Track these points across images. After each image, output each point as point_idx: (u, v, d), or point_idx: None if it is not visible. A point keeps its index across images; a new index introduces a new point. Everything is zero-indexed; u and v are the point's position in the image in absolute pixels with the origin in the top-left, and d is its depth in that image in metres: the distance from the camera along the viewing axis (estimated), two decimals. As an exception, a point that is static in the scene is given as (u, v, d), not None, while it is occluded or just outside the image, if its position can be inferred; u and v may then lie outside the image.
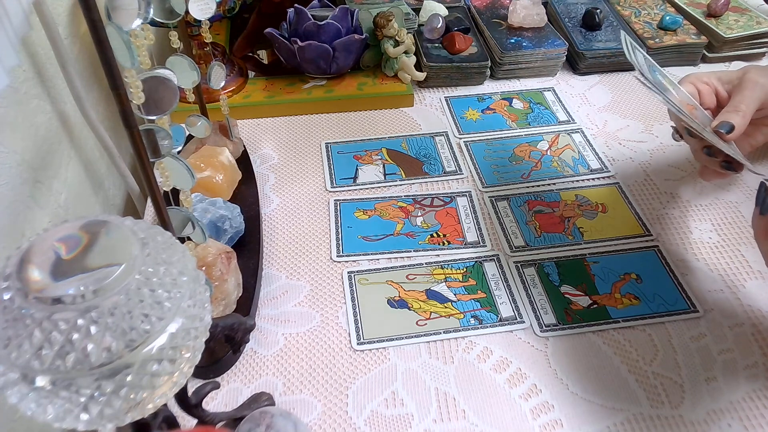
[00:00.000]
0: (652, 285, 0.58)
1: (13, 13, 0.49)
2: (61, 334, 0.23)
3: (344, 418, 0.48)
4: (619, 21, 0.91)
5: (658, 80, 0.54)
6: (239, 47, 0.88)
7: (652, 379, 0.50)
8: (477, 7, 0.93)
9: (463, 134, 0.77)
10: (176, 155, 0.44)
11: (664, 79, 0.56)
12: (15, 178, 0.48)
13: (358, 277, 0.59)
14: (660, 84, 0.54)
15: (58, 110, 0.57)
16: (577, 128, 0.77)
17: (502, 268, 0.60)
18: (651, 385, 0.50)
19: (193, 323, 0.27)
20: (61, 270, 0.25)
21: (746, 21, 0.88)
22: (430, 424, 0.48)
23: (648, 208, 0.66)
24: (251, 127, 0.78)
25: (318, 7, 0.82)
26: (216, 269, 0.51)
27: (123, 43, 0.36)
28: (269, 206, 0.67)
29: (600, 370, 0.51)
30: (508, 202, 0.67)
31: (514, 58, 0.84)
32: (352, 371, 0.52)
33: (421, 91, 0.84)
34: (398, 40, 0.80)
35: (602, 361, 0.52)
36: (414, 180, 0.70)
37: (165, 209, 0.43)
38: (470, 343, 0.53)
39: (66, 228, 0.27)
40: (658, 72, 0.56)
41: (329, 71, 0.80)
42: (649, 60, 0.58)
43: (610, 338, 0.53)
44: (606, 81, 0.86)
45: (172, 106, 0.42)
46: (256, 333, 0.54)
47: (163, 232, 0.29)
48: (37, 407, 0.25)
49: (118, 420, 0.26)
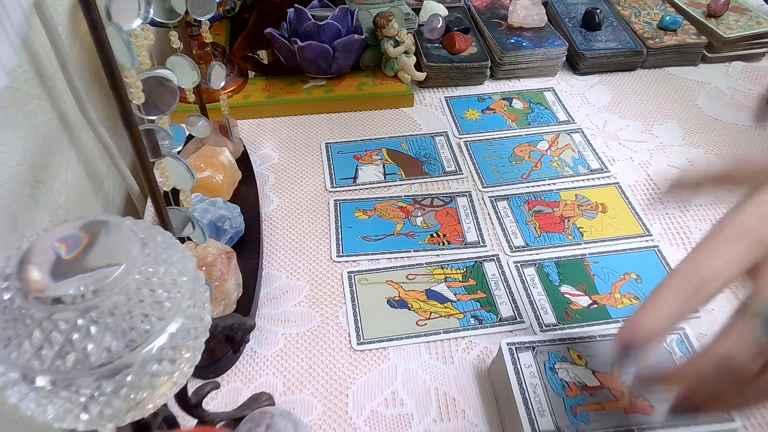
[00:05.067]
0: (652, 285, 0.57)
1: (13, 14, 0.49)
2: (61, 334, 0.23)
3: (344, 418, 0.48)
4: (619, 21, 0.91)
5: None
6: (239, 47, 0.88)
7: (652, 379, 0.50)
8: (477, 7, 0.93)
9: (463, 134, 0.77)
10: (176, 155, 0.44)
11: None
12: (15, 178, 0.48)
13: (358, 277, 0.59)
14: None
15: (58, 110, 0.57)
16: (577, 128, 0.77)
17: (502, 268, 0.60)
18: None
19: (193, 323, 0.27)
20: (61, 270, 0.25)
21: (746, 21, 0.88)
22: (430, 424, 0.48)
23: (648, 208, 0.66)
24: (251, 127, 0.78)
25: (318, 7, 0.82)
26: (216, 269, 0.51)
27: (123, 43, 0.36)
28: (269, 206, 0.67)
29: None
30: (508, 202, 0.67)
31: (514, 58, 0.84)
32: (352, 371, 0.52)
33: (421, 91, 0.84)
34: (398, 40, 0.80)
35: (602, 361, 0.52)
36: (414, 180, 0.70)
37: (165, 209, 0.43)
38: (470, 343, 0.53)
39: (66, 228, 0.27)
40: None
41: (329, 71, 0.80)
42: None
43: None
44: (606, 81, 0.86)
45: (172, 106, 0.42)
46: (256, 333, 0.54)
47: (163, 232, 0.29)
48: (37, 407, 0.25)
49: (118, 420, 0.26)
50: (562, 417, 0.44)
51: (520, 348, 0.48)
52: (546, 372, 0.47)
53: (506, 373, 0.46)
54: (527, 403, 0.45)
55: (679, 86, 0.85)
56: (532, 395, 0.45)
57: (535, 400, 0.45)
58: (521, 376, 0.46)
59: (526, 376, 0.46)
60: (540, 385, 0.46)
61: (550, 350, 0.48)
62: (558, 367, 0.47)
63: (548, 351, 0.48)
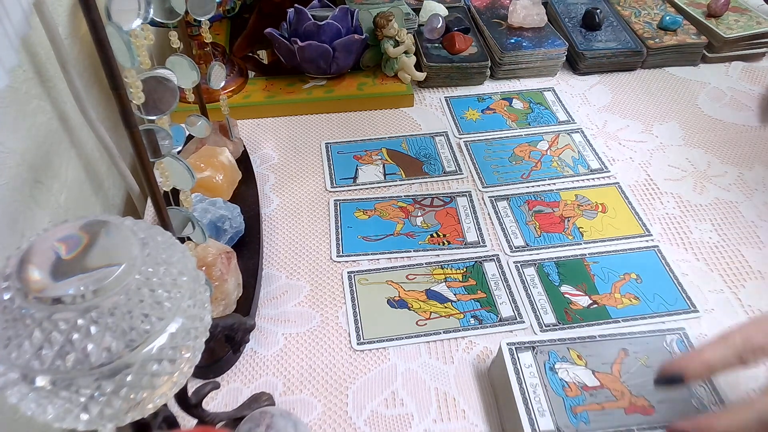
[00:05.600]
0: (652, 285, 0.58)
1: (13, 13, 0.49)
2: (61, 334, 0.23)
3: (344, 418, 0.48)
4: (619, 21, 0.91)
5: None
6: (239, 47, 0.88)
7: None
8: (477, 7, 0.93)
9: (463, 134, 0.77)
10: (176, 155, 0.44)
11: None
12: (15, 178, 0.48)
13: (358, 277, 0.59)
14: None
15: (58, 110, 0.57)
16: (577, 128, 0.77)
17: (502, 268, 0.60)
18: (651, 385, 0.50)
19: (193, 323, 0.27)
20: (61, 270, 0.25)
21: (746, 21, 0.88)
22: (430, 424, 0.48)
23: (648, 208, 0.66)
24: (251, 127, 0.78)
25: (318, 7, 0.82)
26: (216, 269, 0.51)
27: (123, 43, 0.36)
28: (269, 206, 0.67)
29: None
30: (508, 202, 0.67)
31: (514, 58, 0.84)
32: (352, 371, 0.52)
33: (421, 91, 0.84)
34: (398, 40, 0.80)
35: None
36: (414, 180, 0.70)
37: (165, 209, 0.43)
38: (470, 343, 0.53)
39: (66, 228, 0.27)
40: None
41: (329, 71, 0.80)
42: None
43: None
44: (606, 81, 0.86)
45: (172, 106, 0.42)
46: (256, 333, 0.54)
47: (163, 232, 0.29)
48: (37, 407, 0.25)
49: (118, 420, 0.26)
50: (562, 417, 0.44)
51: (520, 348, 0.48)
52: (546, 372, 0.47)
53: (506, 373, 0.46)
54: (527, 403, 0.45)
55: (679, 86, 0.85)
56: (532, 395, 0.45)
57: (535, 400, 0.45)
58: (521, 376, 0.46)
59: (526, 376, 0.46)
60: (540, 385, 0.46)
61: (550, 350, 0.48)
62: (558, 367, 0.47)
63: (548, 351, 0.48)
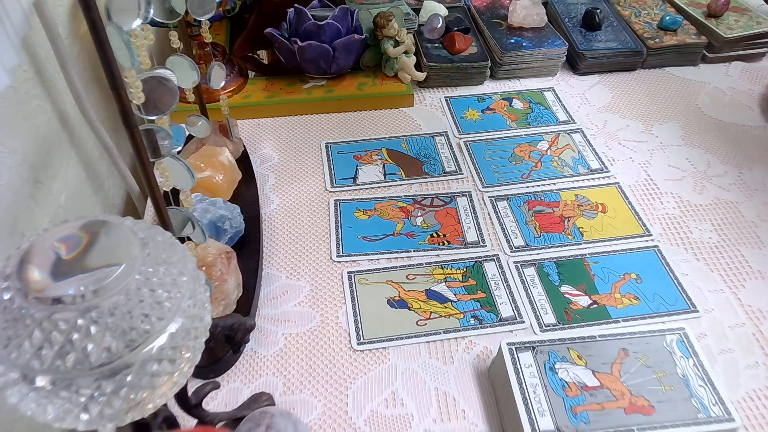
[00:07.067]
0: (652, 285, 0.58)
1: (13, 13, 0.49)
2: (61, 334, 0.23)
3: (344, 418, 0.48)
4: (619, 21, 0.91)
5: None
6: (239, 47, 0.88)
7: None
8: (477, 7, 0.93)
9: (463, 134, 0.77)
10: (176, 155, 0.44)
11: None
12: (15, 178, 0.48)
13: (358, 277, 0.59)
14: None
15: (58, 110, 0.57)
16: (577, 128, 0.77)
17: (502, 268, 0.60)
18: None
19: (193, 323, 0.27)
20: (61, 270, 0.25)
21: (746, 21, 0.88)
22: (430, 424, 0.48)
23: (648, 208, 0.66)
24: (251, 127, 0.78)
25: (318, 7, 0.82)
26: (216, 269, 0.51)
27: (123, 43, 0.36)
28: (269, 206, 0.67)
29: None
30: (508, 202, 0.67)
31: (514, 58, 0.84)
32: (352, 371, 0.52)
33: (421, 91, 0.84)
34: (398, 40, 0.80)
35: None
36: (414, 180, 0.70)
37: (165, 209, 0.43)
38: (470, 343, 0.53)
39: (66, 228, 0.27)
40: None
41: (329, 71, 0.80)
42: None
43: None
44: (606, 81, 0.86)
45: (172, 106, 0.42)
46: (256, 333, 0.54)
47: (163, 232, 0.29)
48: (37, 407, 0.25)
49: (118, 420, 0.26)
50: (562, 417, 0.44)
51: (520, 348, 0.48)
52: (546, 372, 0.47)
53: (506, 373, 0.46)
54: (527, 403, 0.45)
55: (679, 86, 0.85)
56: (532, 395, 0.45)
57: (535, 400, 0.45)
58: (521, 376, 0.46)
59: (526, 376, 0.46)
60: (540, 385, 0.46)
61: (550, 350, 0.48)
62: (558, 367, 0.47)
63: (548, 351, 0.48)
